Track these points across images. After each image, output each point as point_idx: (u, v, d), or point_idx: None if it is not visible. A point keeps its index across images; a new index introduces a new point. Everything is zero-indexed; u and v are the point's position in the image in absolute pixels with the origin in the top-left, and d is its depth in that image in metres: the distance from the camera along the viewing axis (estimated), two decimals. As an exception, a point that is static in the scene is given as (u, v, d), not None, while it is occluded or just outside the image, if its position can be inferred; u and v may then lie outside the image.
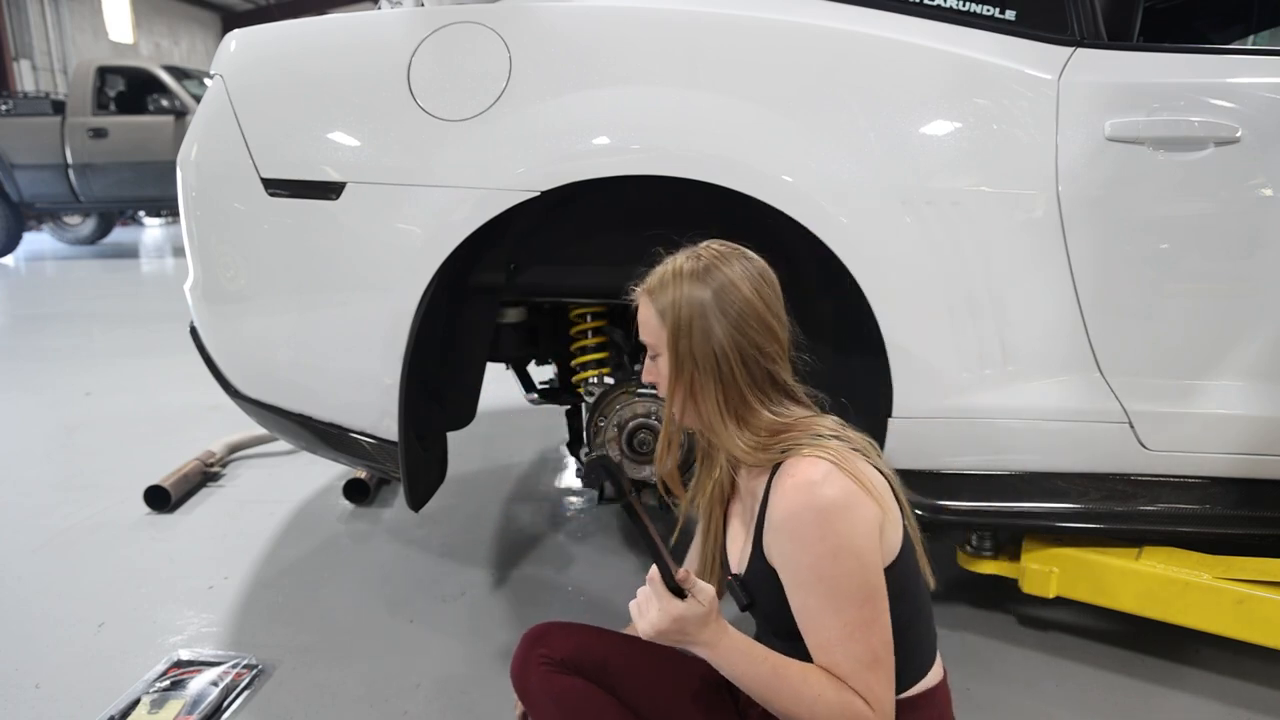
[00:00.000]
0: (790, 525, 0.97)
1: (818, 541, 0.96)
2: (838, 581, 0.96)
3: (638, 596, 0.99)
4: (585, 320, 1.96)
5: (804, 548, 0.97)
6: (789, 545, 0.98)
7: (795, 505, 0.97)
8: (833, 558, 0.95)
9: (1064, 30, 1.54)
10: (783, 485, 1.00)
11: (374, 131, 1.63)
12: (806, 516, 0.96)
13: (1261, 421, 1.55)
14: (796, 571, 0.99)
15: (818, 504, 0.96)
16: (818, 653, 0.98)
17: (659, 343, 1.10)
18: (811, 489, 0.97)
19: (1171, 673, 1.68)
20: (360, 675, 1.70)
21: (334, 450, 1.82)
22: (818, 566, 0.96)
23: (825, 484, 0.97)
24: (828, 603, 0.96)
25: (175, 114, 8.02)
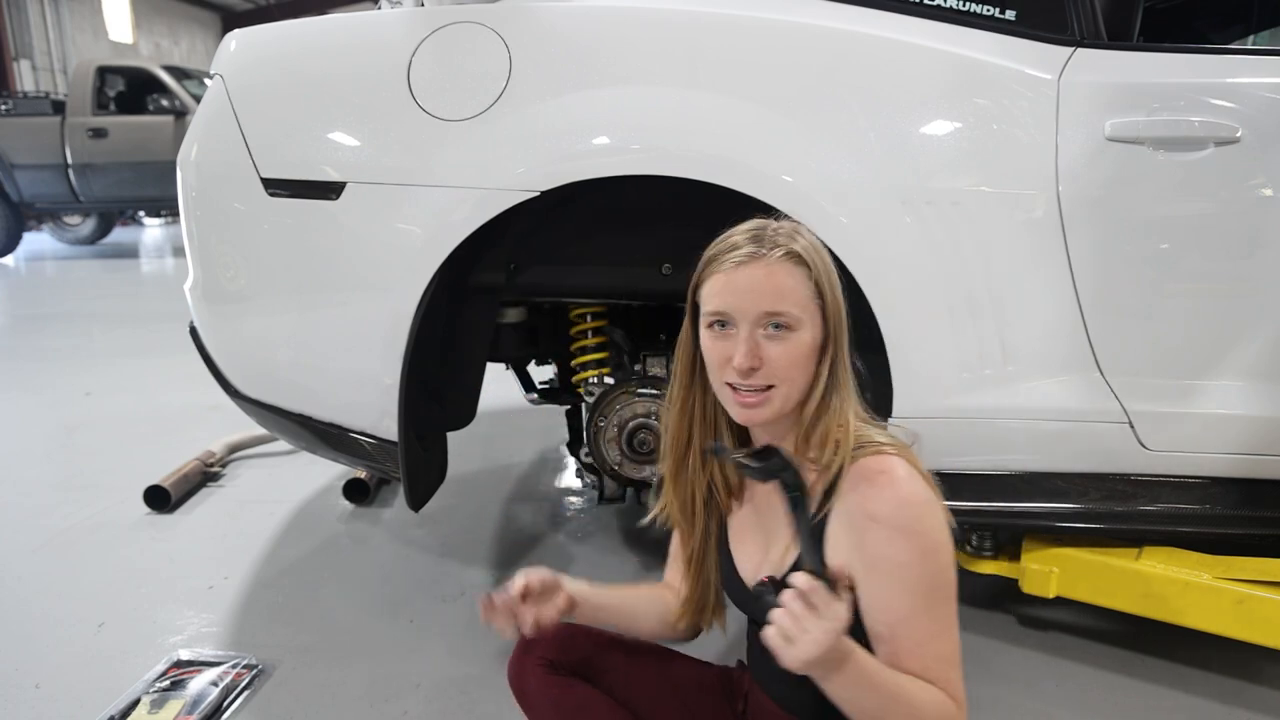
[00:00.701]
0: (895, 519, 0.93)
1: (920, 536, 0.93)
2: (934, 578, 0.93)
3: (775, 622, 0.84)
4: (585, 320, 1.96)
5: (906, 543, 0.92)
6: (887, 541, 0.93)
7: (897, 500, 0.93)
8: (933, 554, 0.93)
9: (1064, 30, 1.54)
10: (871, 480, 0.95)
11: (374, 131, 1.63)
12: (911, 512, 0.93)
13: (1261, 421, 1.55)
14: (894, 569, 0.93)
15: (919, 499, 0.94)
16: (905, 656, 0.93)
17: (797, 304, 0.97)
18: (909, 484, 0.94)
19: (1171, 673, 1.68)
20: (360, 675, 1.70)
21: (334, 450, 1.82)
22: (918, 563, 0.92)
23: (914, 481, 0.95)
24: (921, 600, 0.93)
25: (175, 114, 8.03)
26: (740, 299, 0.97)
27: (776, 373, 0.97)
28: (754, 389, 0.98)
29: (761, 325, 0.97)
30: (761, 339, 0.97)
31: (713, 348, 1.01)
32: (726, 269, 0.98)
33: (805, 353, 0.98)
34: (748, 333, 0.97)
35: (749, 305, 0.96)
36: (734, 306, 0.97)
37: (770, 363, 0.97)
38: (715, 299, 0.99)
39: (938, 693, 0.92)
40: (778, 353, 0.97)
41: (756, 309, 0.96)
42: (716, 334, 1.00)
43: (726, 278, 0.98)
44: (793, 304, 0.97)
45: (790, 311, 0.96)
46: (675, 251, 1.72)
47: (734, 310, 0.97)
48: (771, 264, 0.97)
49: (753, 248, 0.98)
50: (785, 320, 0.96)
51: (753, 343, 0.97)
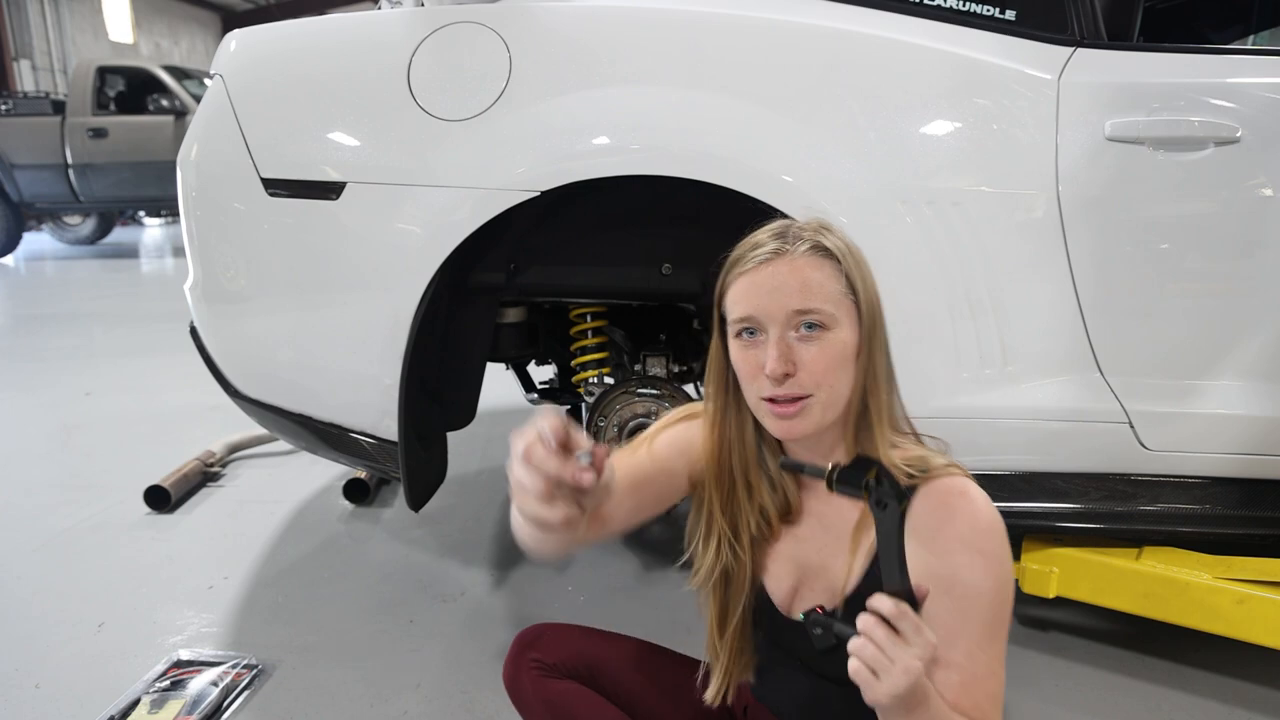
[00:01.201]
0: (978, 544, 0.87)
1: (1000, 564, 0.88)
2: (1001, 610, 0.88)
3: (859, 653, 0.76)
4: (585, 320, 1.96)
5: (986, 570, 0.87)
6: (968, 566, 0.87)
7: (981, 525, 0.88)
8: (1007, 583, 0.88)
9: (1064, 30, 1.54)
10: (950, 505, 0.89)
11: (374, 131, 1.63)
12: (994, 539, 0.88)
13: (1261, 421, 1.55)
14: (969, 596, 0.87)
15: (999, 526, 0.88)
16: (957, 691, 0.87)
17: (829, 300, 0.90)
18: (988, 510, 0.88)
19: (1171, 673, 1.68)
20: (360, 675, 1.70)
21: (334, 450, 1.82)
22: (992, 592, 0.87)
23: (991, 507, 0.89)
24: (987, 632, 0.88)
25: (175, 114, 8.04)
26: (766, 300, 0.90)
27: (813, 377, 0.89)
28: (790, 398, 0.90)
29: (792, 326, 0.90)
30: (794, 341, 0.90)
31: (743, 359, 0.93)
32: (749, 270, 0.91)
33: (843, 354, 0.90)
34: (778, 335, 0.89)
35: (775, 306, 0.89)
36: (760, 309, 0.90)
37: (805, 367, 0.89)
38: (740, 304, 0.92)
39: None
40: (812, 355, 0.89)
41: (784, 309, 0.89)
42: (745, 343, 0.92)
43: (750, 279, 0.91)
44: (823, 300, 0.89)
45: (822, 308, 0.89)
46: (675, 251, 1.72)
47: (761, 313, 0.90)
48: (796, 259, 0.90)
49: (776, 244, 0.91)
50: (817, 319, 0.89)
51: (784, 345, 0.89)
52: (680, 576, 2.05)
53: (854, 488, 0.82)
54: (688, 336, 2.10)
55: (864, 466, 0.82)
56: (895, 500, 0.80)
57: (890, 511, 0.79)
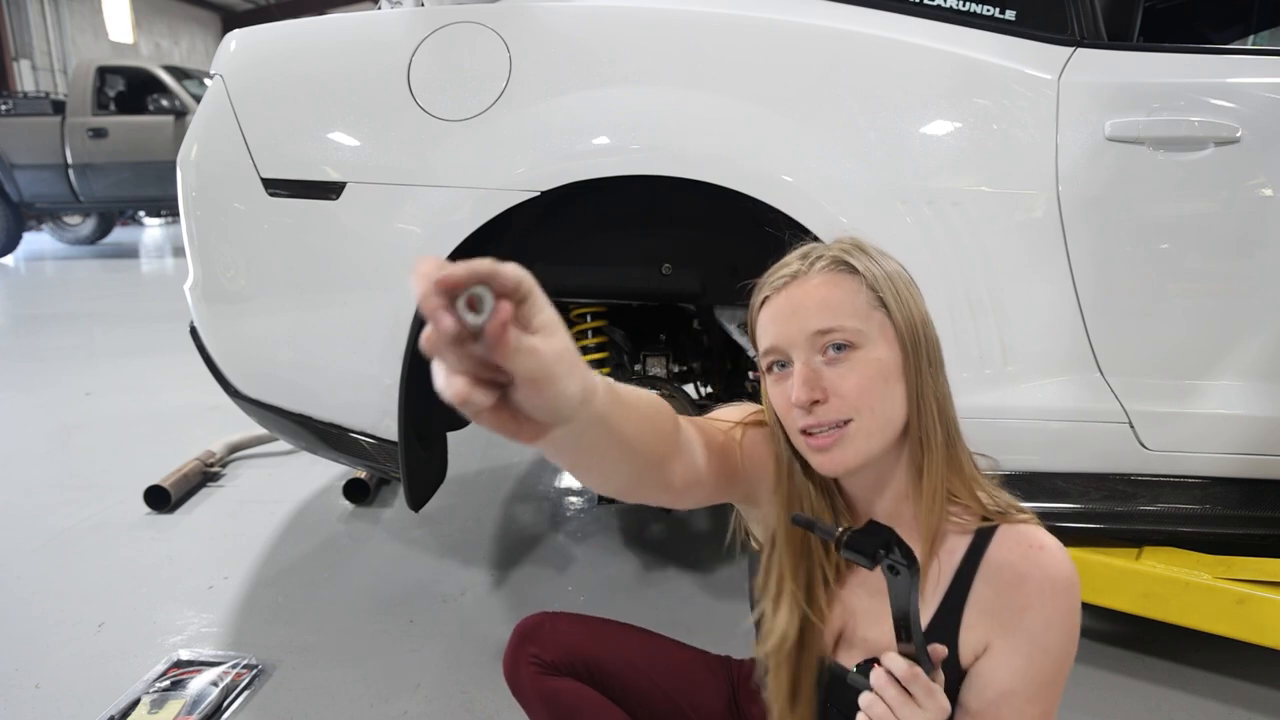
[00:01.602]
0: (1057, 603, 0.83)
1: (1072, 625, 0.84)
2: (1061, 669, 0.85)
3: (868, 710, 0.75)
4: (585, 320, 1.96)
5: (1059, 629, 0.83)
6: (1042, 623, 0.83)
7: (1062, 583, 0.83)
8: (1073, 644, 0.85)
9: (1064, 30, 1.54)
10: (1033, 556, 0.84)
11: (374, 131, 1.63)
12: (1072, 600, 0.84)
13: (1261, 421, 1.55)
14: (1034, 652, 0.83)
15: (1077, 586, 0.84)
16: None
17: (853, 315, 0.83)
18: (1069, 567, 0.84)
19: (1171, 673, 1.68)
20: (360, 675, 1.70)
21: (334, 450, 1.82)
22: (1057, 650, 0.84)
23: (1071, 563, 0.85)
24: (1042, 690, 0.85)
25: (175, 114, 8.04)
26: (786, 325, 0.85)
27: (848, 401, 0.82)
28: (826, 426, 0.83)
29: (818, 350, 0.84)
30: (821, 366, 0.84)
31: (776, 394, 0.87)
32: (769, 298, 0.87)
33: (880, 372, 0.83)
34: (803, 361, 0.84)
35: (795, 330, 0.84)
36: (781, 336, 0.85)
37: (836, 390, 0.82)
38: (764, 337, 0.87)
39: None
40: (842, 375, 0.83)
41: (805, 331, 0.83)
42: (777, 377, 0.87)
43: (769, 309, 0.87)
44: (846, 316, 0.83)
45: (845, 325, 0.83)
46: (675, 251, 1.72)
47: (783, 341, 0.85)
48: (812, 277, 0.85)
49: (797, 265, 0.87)
50: (843, 337, 0.82)
51: (809, 370, 0.83)
52: (681, 576, 2.06)
53: (864, 556, 0.76)
54: (688, 336, 2.10)
55: (876, 533, 0.76)
56: (908, 567, 0.75)
57: (903, 578, 0.75)
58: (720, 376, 2.10)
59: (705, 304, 1.89)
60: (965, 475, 0.89)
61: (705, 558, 2.17)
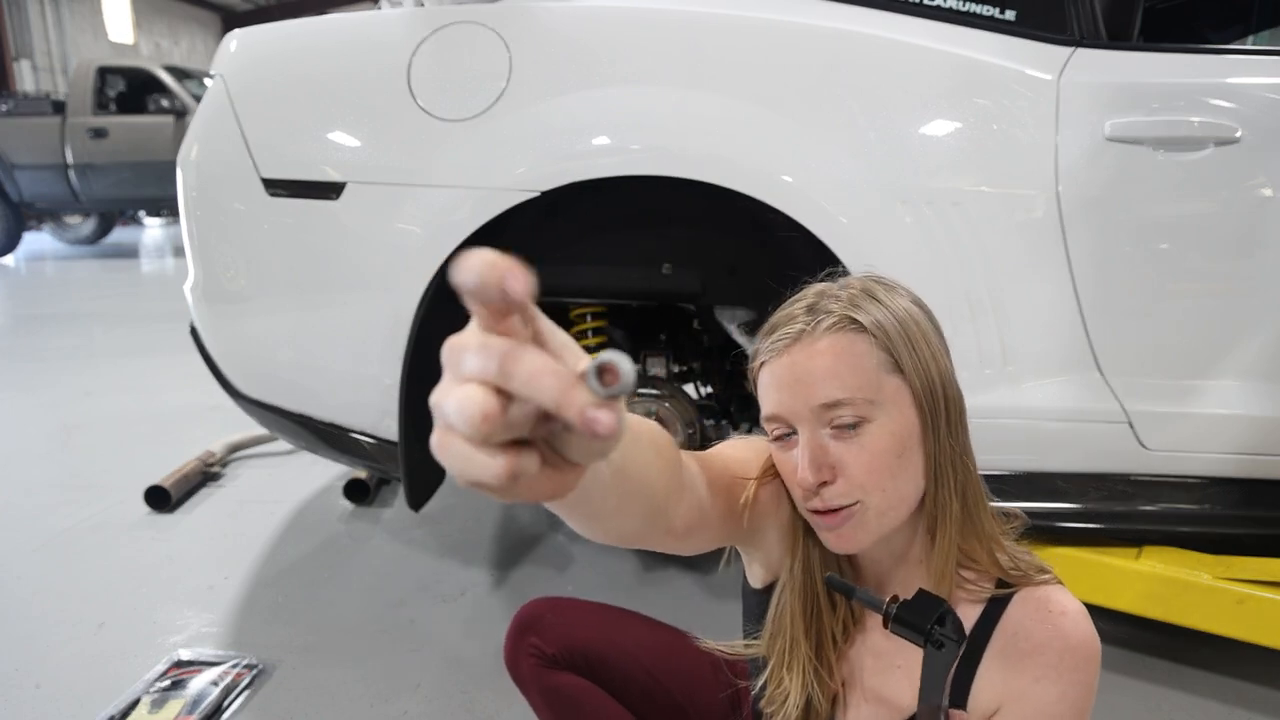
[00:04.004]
0: (1073, 674, 0.78)
1: (1087, 693, 0.79)
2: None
3: None
4: (585, 320, 1.96)
5: (1074, 699, 0.78)
6: (1058, 694, 0.78)
7: (1080, 652, 0.78)
8: (1089, 707, 0.80)
9: (1064, 30, 1.54)
10: (1051, 622, 0.80)
11: (374, 131, 1.63)
12: (1090, 670, 0.79)
13: (1261, 421, 1.55)
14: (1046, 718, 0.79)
15: (1097, 653, 0.79)
16: None
17: (861, 387, 0.75)
18: (1090, 633, 0.79)
19: (1171, 673, 1.68)
20: (360, 675, 1.70)
21: (334, 450, 1.82)
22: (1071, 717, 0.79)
23: (1092, 628, 0.80)
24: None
25: (175, 114, 8.04)
26: (789, 395, 0.77)
27: (855, 483, 0.75)
28: (834, 508, 0.77)
29: (824, 424, 0.76)
30: (829, 440, 0.76)
31: (782, 462, 0.80)
32: (770, 360, 0.79)
33: (893, 446, 0.76)
34: (808, 437, 0.76)
35: (799, 403, 0.76)
36: (784, 406, 0.78)
37: (845, 470, 0.76)
38: (765, 400, 0.80)
39: None
40: (853, 456, 0.75)
41: (809, 404, 0.76)
42: (782, 445, 0.80)
43: (771, 370, 0.79)
44: (854, 388, 0.75)
45: (855, 398, 0.75)
46: (675, 251, 1.72)
47: (786, 411, 0.78)
48: (817, 342, 0.76)
49: (803, 321, 0.78)
50: (853, 413, 0.75)
51: (816, 448, 0.76)
52: (681, 576, 2.06)
53: (915, 631, 0.71)
54: (688, 336, 2.10)
55: (927, 604, 0.71)
56: (955, 643, 0.70)
57: (948, 652, 0.70)
58: (720, 376, 2.10)
59: (705, 304, 1.89)
60: (984, 537, 0.83)
61: (705, 558, 2.16)
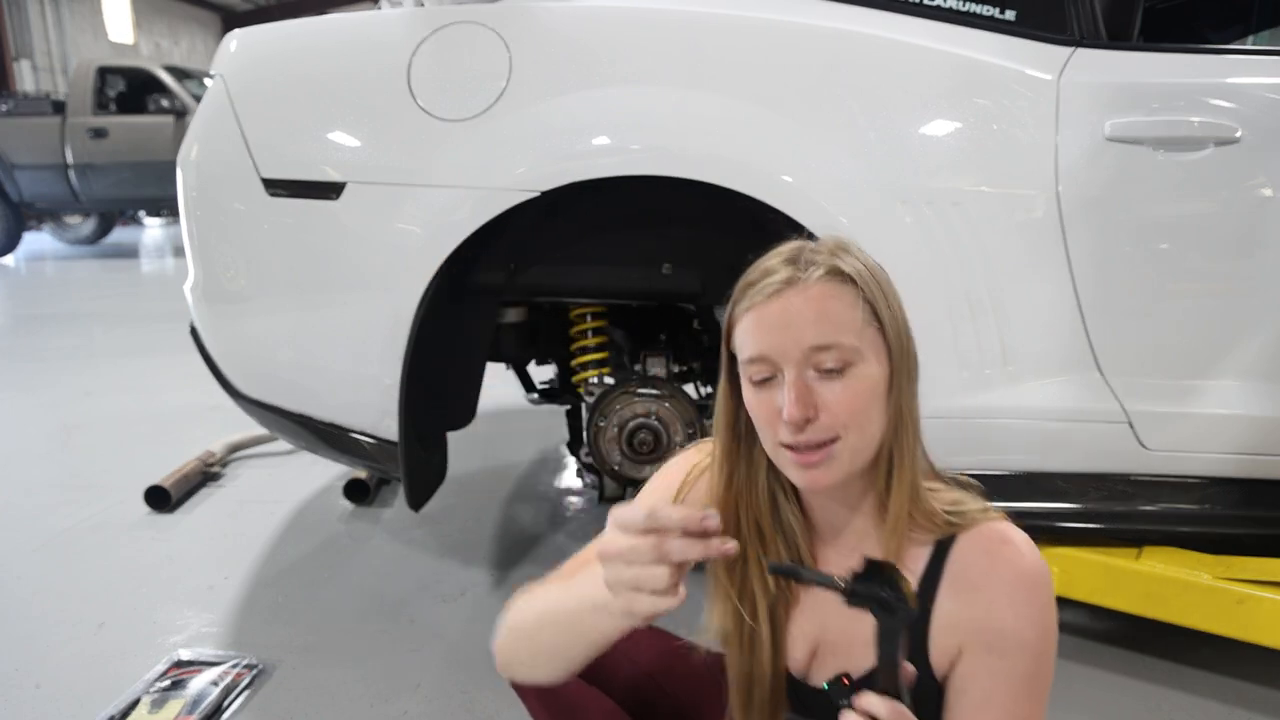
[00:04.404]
0: (1028, 597, 0.81)
1: (1047, 615, 0.82)
2: (1043, 664, 0.83)
3: None
4: (585, 320, 1.96)
5: (1033, 623, 0.81)
6: (1014, 619, 0.81)
7: (1030, 576, 0.81)
8: (1053, 635, 0.83)
9: (1064, 30, 1.54)
10: (996, 554, 0.83)
11: (374, 131, 1.63)
12: (1043, 591, 0.82)
13: (1261, 421, 1.54)
14: (1014, 650, 0.82)
15: (1046, 575, 0.82)
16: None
17: (850, 331, 0.80)
18: (1035, 558, 0.82)
19: (1171, 673, 1.68)
20: (360, 675, 1.70)
21: (334, 450, 1.82)
22: (1036, 644, 0.82)
23: (1037, 553, 0.83)
24: (1025, 689, 0.83)
25: (175, 114, 8.04)
26: (779, 336, 0.80)
27: (839, 420, 0.80)
28: (814, 444, 0.80)
29: (811, 365, 0.80)
30: (813, 381, 0.80)
31: (758, 403, 0.83)
32: (759, 304, 0.81)
33: (871, 391, 0.81)
34: (795, 376, 0.79)
35: (790, 343, 0.79)
36: (773, 347, 0.80)
37: (829, 408, 0.79)
38: (751, 343, 0.82)
39: None
40: (836, 394, 0.79)
41: (800, 345, 0.79)
42: (760, 386, 0.82)
43: (759, 314, 0.81)
44: (843, 333, 0.79)
45: (842, 342, 0.79)
46: (675, 251, 1.72)
47: (774, 352, 0.80)
48: (810, 288, 0.80)
49: (788, 272, 0.81)
50: (838, 354, 0.79)
51: (802, 387, 0.79)
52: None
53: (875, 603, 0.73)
54: (688, 336, 2.10)
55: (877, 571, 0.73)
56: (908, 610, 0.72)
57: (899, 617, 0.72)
58: (720, 376, 2.10)
59: (705, 304, 1.89)
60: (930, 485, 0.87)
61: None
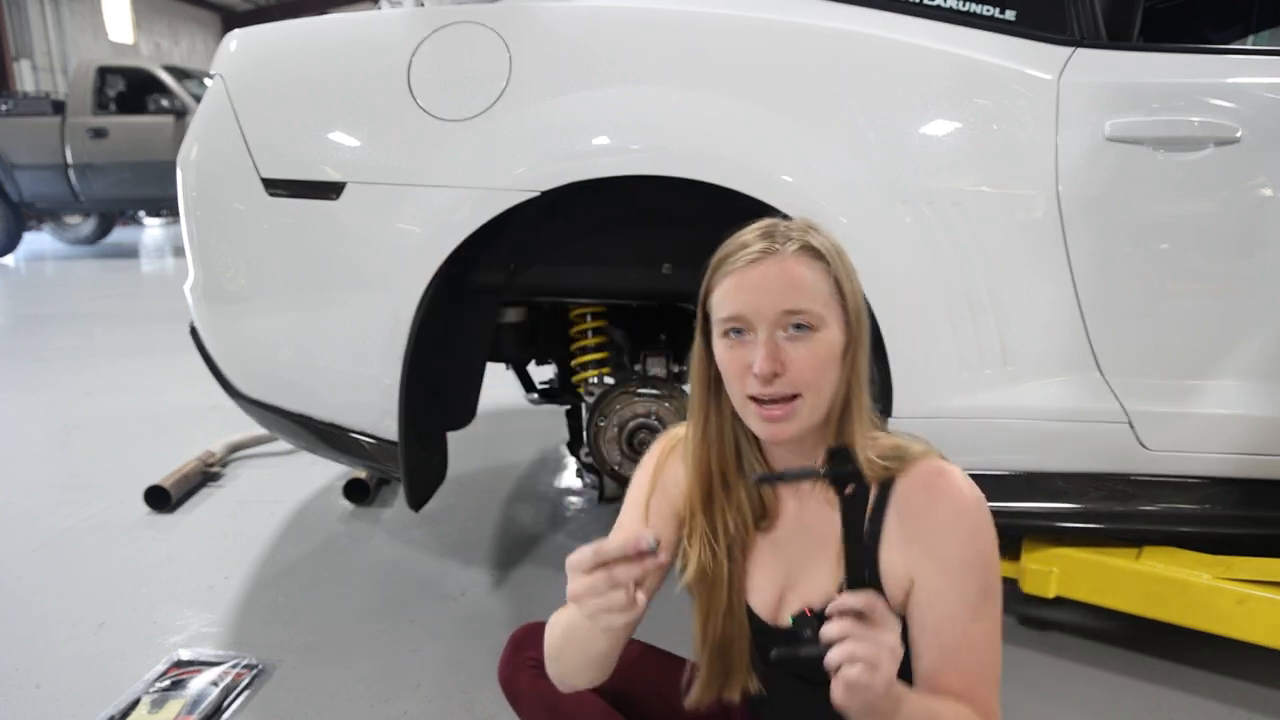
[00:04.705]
0: (965, 522, 0.90)
1: (987, 538, 0.90)
2: (992, 583, 0.90)
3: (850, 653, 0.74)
4: (585, 320, 1.96)
5: (975, 546, 0.90)
6: (955, 544, 0.89)
7: (965, 502, 0.90)
8: (994, 556, 0.91)
9: (1064, 30, 1.54)
10: (932, 486, 0.91)
11: (374, 131, 1.63)
12: (979, 515, 0.91)
13: (1261, 421, 1.54)
14: (960, 572, 0.89)
15: (981, 502, 0.91)
16: (949, 670, 0.88)
17: (818, 301, 0.90)
18: (969, 486, 0.91)
19: (1171, 673, 1.68)
20: (360, 675, 1.70)
21: (334, 450, 1.82)
22: (981, 565, 0.90)
23: (971, 483, 0.92)
24: (978, 607, 0.89)
25: (175, 114, 8.03)
26: (756, 299, 0.90)
27: (802, 378, 0.89)
28: (778, 399, 0.90)
29: (781, 326, 0.90)
30: (782, 341, 0.90)
31: (729, 358, 0.93)
32: (738, 269, 0.91)
33: (831, 354, 0.91)
34: (766, 335, 0.89)
35: (766, 305, 0.89)
36: (749, 307, 0.90)
37: (793, 367, 0.89)
38: (728, 303, 0.92)
39: (969, 713, 0.87)
40: (801, 355, 0.89)
41: (774, 308, 0.89)
42: (733, 342, 0.92)
43: (739, 278, 0.91)
44: (813, 300, 0.90)
45: (811, 309, 0.89)
46: (675, 251, 1.72)
47: (750, 312, 0.90)
48: (786, 259, 0.90)
49: (765, 244, 0.91)
50: (806, 319, 0.89)
51: (773, 345, 0.89)
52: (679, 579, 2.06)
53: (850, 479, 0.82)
54: (688, 336, 2.09)
55: (840, 454, 0.83)
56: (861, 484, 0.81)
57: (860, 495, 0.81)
58: (720, 376, 2.10)
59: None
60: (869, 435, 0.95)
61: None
